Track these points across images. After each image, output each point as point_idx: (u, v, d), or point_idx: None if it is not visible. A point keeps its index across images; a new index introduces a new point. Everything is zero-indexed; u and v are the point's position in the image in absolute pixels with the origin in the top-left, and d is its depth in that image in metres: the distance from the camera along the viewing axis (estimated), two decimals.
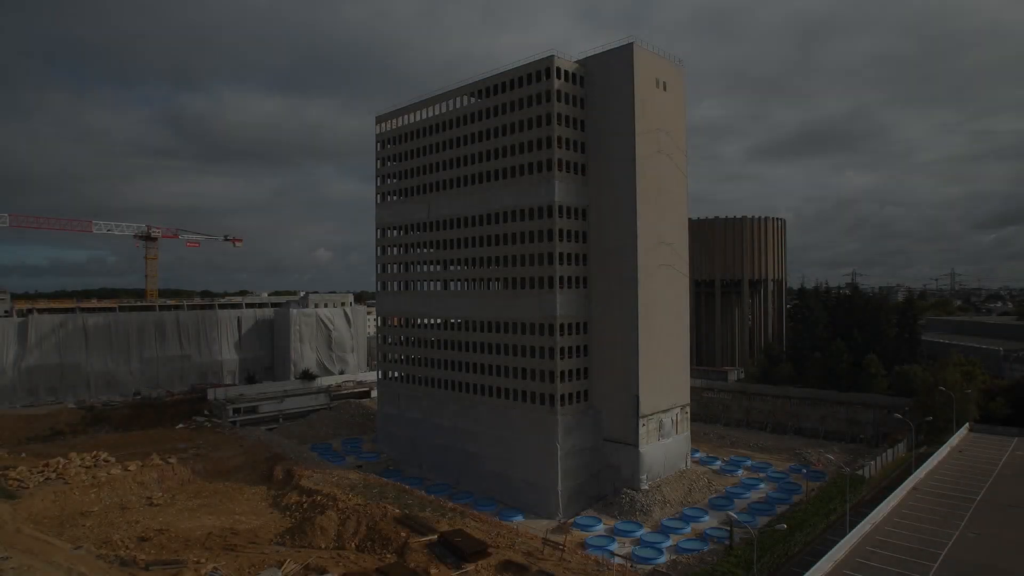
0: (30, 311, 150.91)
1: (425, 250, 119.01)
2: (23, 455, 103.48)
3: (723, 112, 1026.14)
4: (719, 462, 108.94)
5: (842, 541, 59.57)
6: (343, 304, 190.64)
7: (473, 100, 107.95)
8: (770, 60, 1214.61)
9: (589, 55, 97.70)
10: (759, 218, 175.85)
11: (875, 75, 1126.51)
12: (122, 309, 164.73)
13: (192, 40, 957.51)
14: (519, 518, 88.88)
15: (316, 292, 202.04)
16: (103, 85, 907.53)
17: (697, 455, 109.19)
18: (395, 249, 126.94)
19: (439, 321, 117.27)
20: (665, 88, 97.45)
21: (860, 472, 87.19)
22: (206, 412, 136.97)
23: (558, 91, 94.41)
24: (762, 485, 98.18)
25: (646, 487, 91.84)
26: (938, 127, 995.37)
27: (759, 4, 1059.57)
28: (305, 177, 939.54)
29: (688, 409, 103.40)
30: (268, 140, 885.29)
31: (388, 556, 65.45)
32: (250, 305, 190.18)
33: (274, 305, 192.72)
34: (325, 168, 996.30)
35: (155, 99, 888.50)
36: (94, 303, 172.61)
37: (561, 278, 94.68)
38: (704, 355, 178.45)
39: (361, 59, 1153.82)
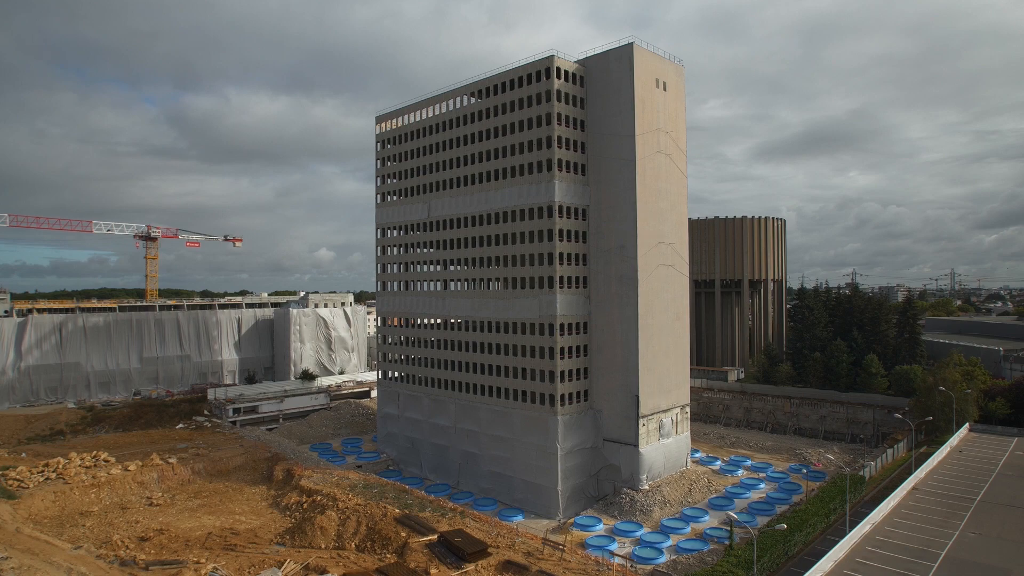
0: (30, 311, 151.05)
1: (425, 250, 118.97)
2: (23, 455, 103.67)
3: (727, 112, 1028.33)
4: (719, 462, 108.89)
5: (842, 541, 59.50)
6: (343, 304, 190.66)
7: (473, 100, 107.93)
8: (775, 60, 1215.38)
9: (589, 55, 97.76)
10: (759, 218, 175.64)
11: (879, 75, 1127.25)
12: (122, 309, 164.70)
13: (199, 41, 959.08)
14: (519, 518, 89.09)
15: (316, 292, 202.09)
16: (109, 85, 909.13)
17: (697, 455, 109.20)
18: (395, 249, 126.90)
19: (439, 321, 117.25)
20: (665, 88, 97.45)
21: (860, 472, 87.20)
22: (206, 412, 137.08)
23: (558, 91, 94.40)
24: (762, 485, 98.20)
25: (646, 487, 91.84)
26: (941, 127, 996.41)
27: (765, 4, 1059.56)
28: (308, 177, 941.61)
29: (688, 409, 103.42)
30: (273, 140, 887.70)
31: (388, 556, 65.42)
32: (250, 305, 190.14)
33: (274, 305, 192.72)
34: (329, 168, 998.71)
35: (161, 99, 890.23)
36: (94, 303, 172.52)
37: (561, 278, 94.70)
38: (704, 355, 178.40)
39: (368, 59, 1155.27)
